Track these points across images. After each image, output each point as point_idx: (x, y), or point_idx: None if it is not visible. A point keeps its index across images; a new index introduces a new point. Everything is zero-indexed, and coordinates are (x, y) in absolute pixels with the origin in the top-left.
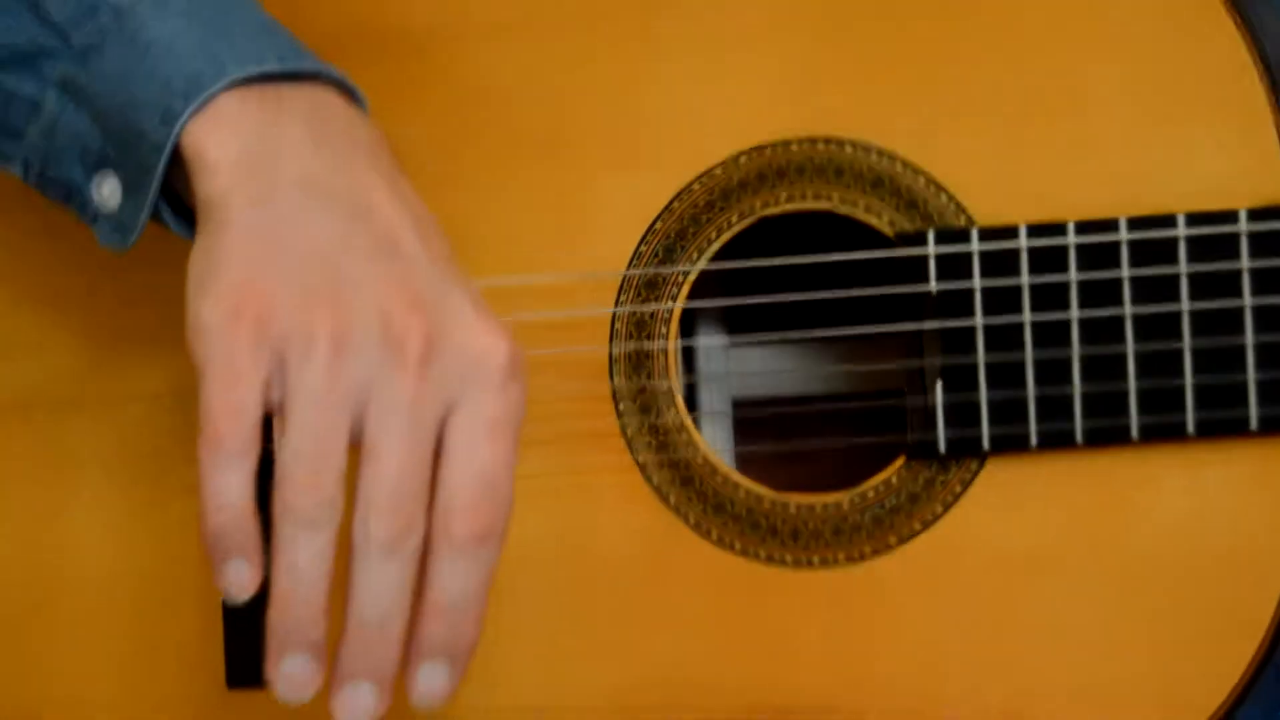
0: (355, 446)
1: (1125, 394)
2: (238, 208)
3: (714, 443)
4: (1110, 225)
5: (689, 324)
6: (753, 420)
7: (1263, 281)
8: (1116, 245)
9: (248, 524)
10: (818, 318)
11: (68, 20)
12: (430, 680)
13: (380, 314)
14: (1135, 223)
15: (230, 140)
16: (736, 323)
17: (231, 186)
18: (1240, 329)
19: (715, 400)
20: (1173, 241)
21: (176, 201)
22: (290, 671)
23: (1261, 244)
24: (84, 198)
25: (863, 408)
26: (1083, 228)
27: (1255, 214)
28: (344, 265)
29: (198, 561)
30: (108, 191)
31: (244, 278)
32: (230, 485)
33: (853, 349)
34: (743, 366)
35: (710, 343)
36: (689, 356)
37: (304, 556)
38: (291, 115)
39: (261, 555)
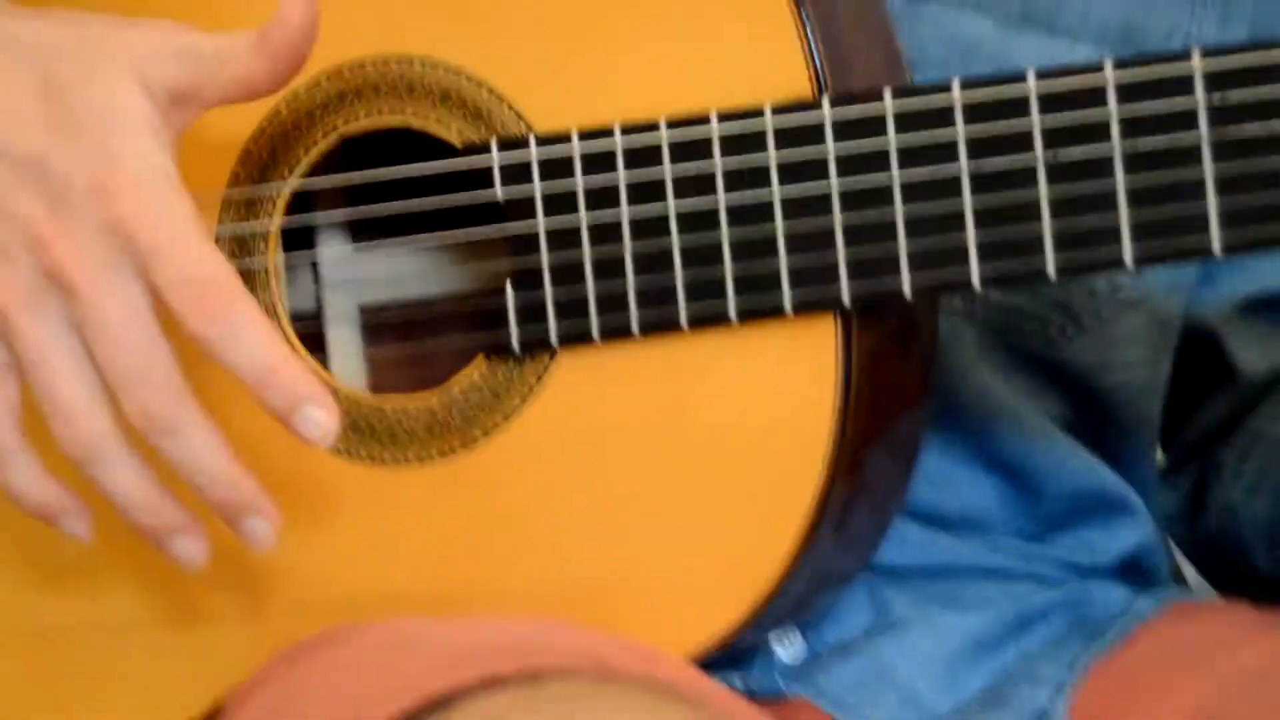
0: None
1: (673, 286)
2: None
3: (345, 348)
4: (652, 127)
5: (303, 238)
6: (381, 325)
7: (789, 173)
8: (658, 147)
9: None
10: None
11: None
12: None
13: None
14: (674, 123)
15: None
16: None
17: None
18: (771, 218)
19: (342, 307)
20: (707, 141)
21: None
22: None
23: (788, 138)
24: None
25: (470, 309)
26: (627, 130)
27: (779, 110)
28: None
29: None
30: None
31: None
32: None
33: (459, 255)
34: (368, 273)
35: (333, 253)
36: (314, 268)
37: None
38: None
39: None
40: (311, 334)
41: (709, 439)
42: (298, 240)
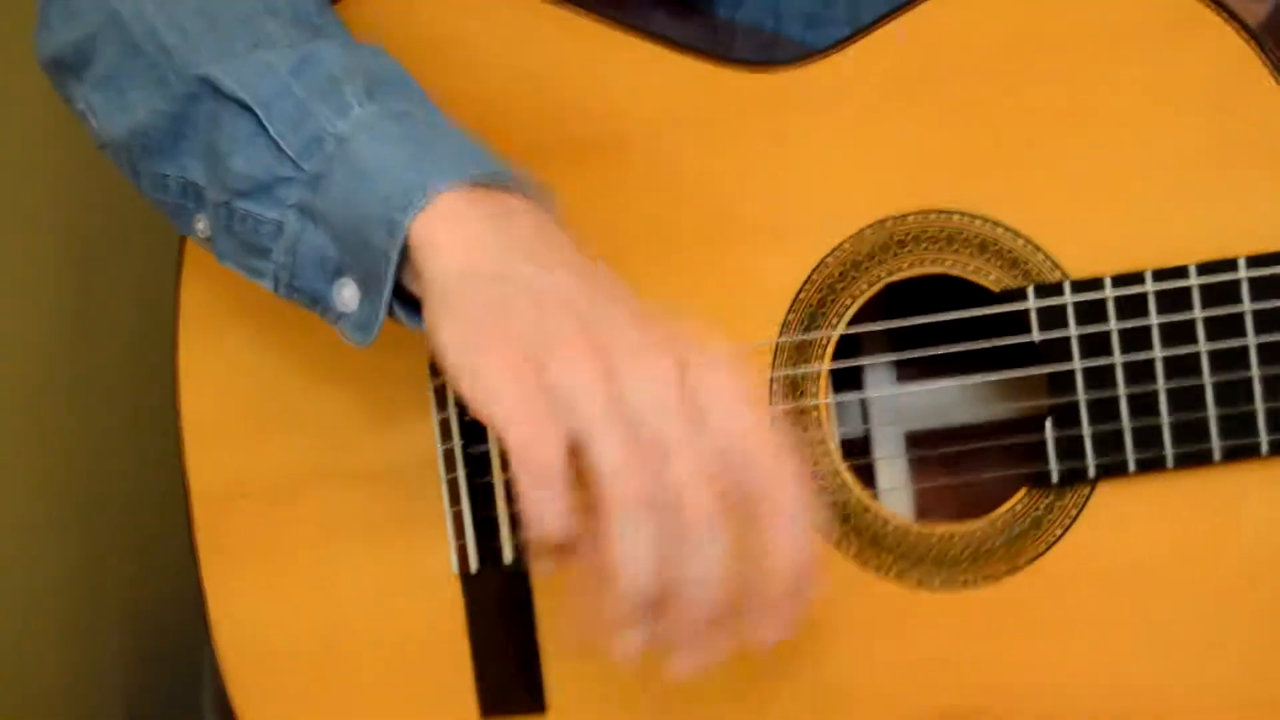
0: None
1: (1206, 421)
2: (476, 279)
3: (894, 480)
4: (1182, 272)
5: (850, 377)
6: (925, 458)
7: None
8: (1188, 290)
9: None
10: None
11: (299, 151)
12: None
13: (631, 344)
14: (1203, 268)
15: (455, 229)
16: (901, 372)
17: (467, 264)
18: None
19: (890, 441)
20: (1236, 284)
21: (404, 297)
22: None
23: None
24: (327, 303)
25: (1009, 444)
26: (1159, 275)
27: None
28: (586, 311)
29: (447, 609)
30: (348, 295)
31: (505, 336)
32: (556, 504)
33: (997, 390)
34: (913, 408)
35: (879, 391)
36: (863, 405)
37: (639, 543)
38: (492, 216)
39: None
40: (861, 466)
41: (1241, 564)
42: (845, 380)
